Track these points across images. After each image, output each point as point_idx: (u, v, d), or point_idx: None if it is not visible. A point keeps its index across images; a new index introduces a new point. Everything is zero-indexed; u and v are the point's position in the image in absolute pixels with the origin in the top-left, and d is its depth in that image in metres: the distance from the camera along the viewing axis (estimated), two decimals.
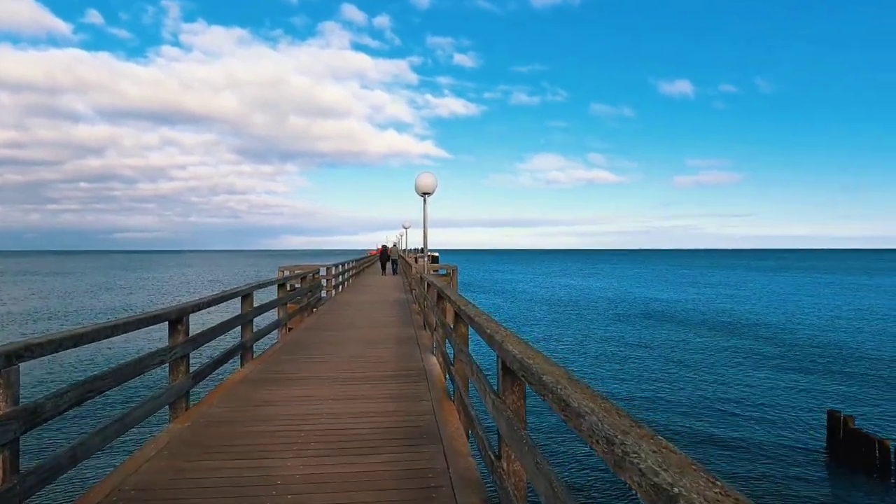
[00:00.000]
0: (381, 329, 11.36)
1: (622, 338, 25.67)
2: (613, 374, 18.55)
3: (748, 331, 28.23)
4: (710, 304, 41.35)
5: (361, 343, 9.65)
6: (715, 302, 42.81)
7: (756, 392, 16.72)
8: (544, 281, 70.78)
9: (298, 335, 10.52)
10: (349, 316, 13.49)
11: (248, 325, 8.25)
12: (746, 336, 26.53)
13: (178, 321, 5.56)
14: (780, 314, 34.82)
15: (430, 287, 10.89)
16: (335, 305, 16.03)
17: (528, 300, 44.89)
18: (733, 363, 20.45)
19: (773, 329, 28.76)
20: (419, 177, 12.00)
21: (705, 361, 20.69)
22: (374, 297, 18.60)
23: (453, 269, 17.84)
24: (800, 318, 32.80)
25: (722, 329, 28.59)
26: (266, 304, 9.21)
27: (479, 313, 4.73)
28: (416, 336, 10.42)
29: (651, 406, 15.14)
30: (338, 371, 7.40)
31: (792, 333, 27.28)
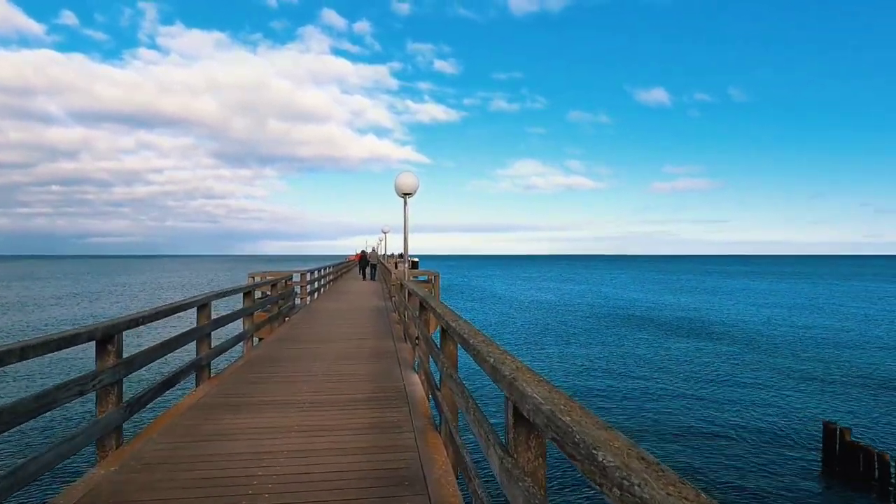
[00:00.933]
0: (358, 341, 10.43)
1: (604, 342, 25.06)
2: (597, 379, 17.84)
3: (731, 336, 27.86)
4: (691, 309, 41.09)
5: (335, 358, 8.71)
6: (696, 307, 42.58)
7: (745, 402, 16.14)
8: (523, 286, 70.24)
9: (266, 349, 9.54)
10: (323, 326, 12.52)
11: (205, 339, 7.28)
12: (730, 342, 26.12)
13: (106, 340, 4.60)
14: (766, 320, 34.61)
15: (412, 296, 10.01)
16: (309, 314, 15.02)
17: (506, 305, 44.17)
18: (720, 369, 19.92)
19: (756, 335, 28.43)
20: (399, 177, 11.12)
21: (691, 368, 20.14)
22: (351, 305, 17.62)
23: (435, 275, 16.93)
24: (784, 326, 32.59)
25: (704, 334, 28.17)
26: (227, 316, 8.23)
27: (474, 332, 3.87)
28: (396, 349, 9.52)
29: (635, 415, 14.43)
30: (306, 393, 6.47)
31: (775, 340, 26.97)
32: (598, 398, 16.15)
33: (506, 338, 25.98)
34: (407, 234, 11.57)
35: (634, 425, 13.81)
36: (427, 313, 7.45)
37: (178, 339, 6.21)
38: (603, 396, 16.43)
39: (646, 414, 14.85)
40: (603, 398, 16.25)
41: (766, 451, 12.46)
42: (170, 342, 5.93)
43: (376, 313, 15.11)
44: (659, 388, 17.43)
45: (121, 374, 4.72)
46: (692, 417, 14.67)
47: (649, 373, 19.50)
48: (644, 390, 17.12)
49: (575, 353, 22.73)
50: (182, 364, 6.48)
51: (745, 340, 26.83)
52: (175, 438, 4.89)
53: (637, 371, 19.75)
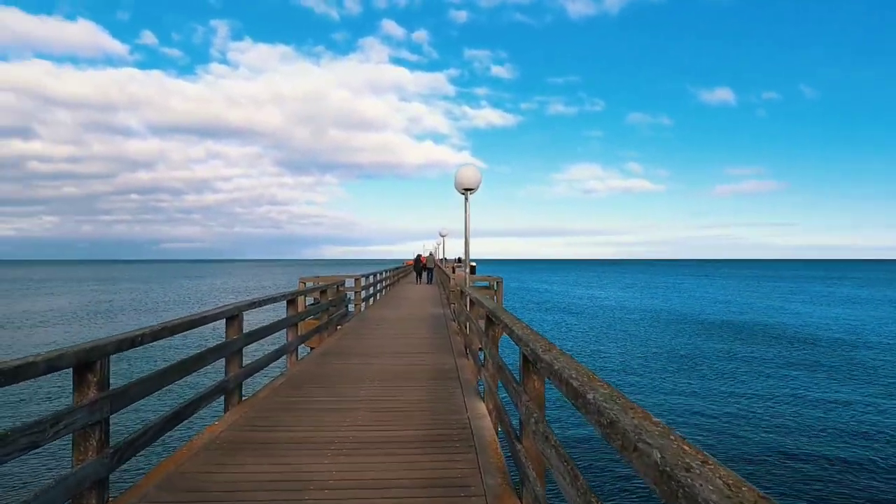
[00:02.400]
0: (413, 356, 9.21)
1: (679, 352, 22.92)
2: (679, 389, 15.95)
3: (807, 344, 25.07)
4: (760, 314, 37.84)
5: (387, 378, 7.52)
6: (766, 313, 39.24)
7: (837, 412, 13.94)
8: (582, 291, 67.56)
9: (310, 364, 8.46)
10: (376, 337, 11.40)
11: (235, 357, 6.22)
12: (807, 349, 23.41)
13: (85, 368, 3.54)
14: (848, 328, 31.21)
15: (474, 305, 8.71)
16: (362, 323, 13.98)
17: (566, 311, 42.07)
18: (799, 377, 17.56)
19: (840, 344, 25.46)
20: (460, 171, 9.87)
21: (767, 374, 17.88)
22: (407, 313, 16.50)
23: (497, 280, 15.52)
24: (864, 332, 29.20)
25: (777, 340, 25.48)
26: (263, 329, 7.17)
27: (583, 371, 2.54)
28: (457, 367, 8.24)
29: (724, 429, 12.54)
30: (348, 427, 5.27)
31: (862, 349, 23.99)
32: (702, 429, 14.31)
33: (568, 344, 24.27)
34: (468, 235, 10.29)
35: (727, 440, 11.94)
36: (495, 328, 6.13)
37: (196, 360, 5.14)
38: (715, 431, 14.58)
39: (733, 427, 12.94)
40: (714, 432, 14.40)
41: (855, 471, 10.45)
42: (184, 364, 4.85)
43: (434, 322, 13.90)
44: (733, 393, 15.38)
45: (105, 412, 3.64)
46: (769, 425, 12.65)
47: (724, 381, 17.40)
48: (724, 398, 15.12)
49: (648, 365, 20.78)
50: (200, 390, 5.39)
51: (829, 350, 24.02)
52: (175, 496, 3.77)
53: (743, 393, 17.68)
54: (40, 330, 30.20)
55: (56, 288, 73.94)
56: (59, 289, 72.00)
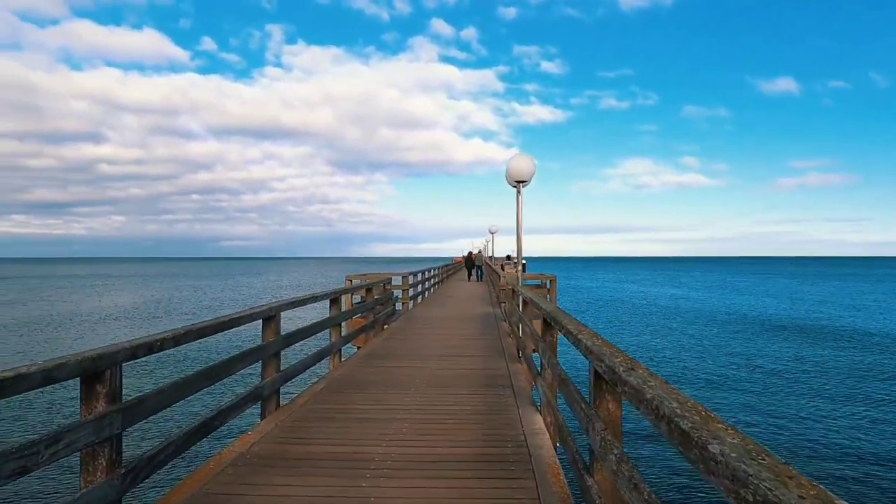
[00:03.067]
0: (462, 360, 8.65)
1: (745, 355, 21.49)
2: (744, 401, 14.76)
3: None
4: (835, 319, 35.33)
5: (434, 384, 6.98)
6: (842, 318, 36.63)
7: None
8: (633, 289, 65.40)
9: (353, 367, 8.01)
10: (424, 337, 10.89)
11: (272, 361, 5.81)
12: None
13: (94, 378, 3.14)
14: None
15: (528, 306, 8.07)
16: (410, 322, 13.52)
17: (619, 308, 40.55)
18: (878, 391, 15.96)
19: None
20: (512, 162, 9.22)
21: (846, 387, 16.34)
22: (456, 312, 15.95)
23: (550, 279, 14.75)
24: None
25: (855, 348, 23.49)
26: (302, 330, 6.74)
27: (689, 403, 1.91)
28: (510, 373, 7.62)
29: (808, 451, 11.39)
30: (390, 442, 4.75)
31: None
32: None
33: (625, 341, 23.06)
34: (520, 230, 9.63)
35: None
36: (553, 333, 5.50)
37: (226, 365, 4.72)
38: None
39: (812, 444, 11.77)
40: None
41: None
42: (212, 371, 4.44)
43: (484, 323, 13.30)
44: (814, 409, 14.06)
45: (116, 427, 3.23)
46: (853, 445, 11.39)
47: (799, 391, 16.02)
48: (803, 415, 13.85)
49: (708, 369, 19.51)
50: (232, 398, 4.98)
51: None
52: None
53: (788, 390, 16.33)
54: (104, 326, 31.26)
55: (130, 283, 77.25)
56: (132, 284, 75.18)
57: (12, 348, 23.16)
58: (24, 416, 13.26)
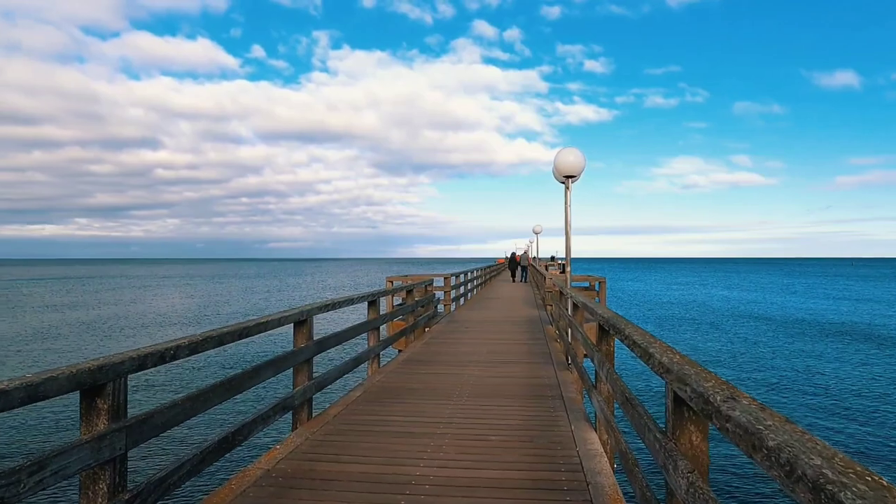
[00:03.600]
0: (507, 366, 8.12)
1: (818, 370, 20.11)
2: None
3: None
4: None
5: (476, 394, 6.48)
6: None
7: None
8: (687, 291, 63.06)
9: (390, 374, 7.58)
10: (466, 342, 10.39)
11: (304, 368, 5.43)
12: None
13: (94, 391, 2.79)
14: None
15: (578, 309, 7.48)
16: (452, 325, 13.05)
17: (666, 311, 39.00)
18: None
19: None
20: (560, 156, 8.63)
21: None
22: (499, 314, 15.40)
23: (600, 280, 13.97)
24: None
25: None
26: (337, 335, 6.34)
27: (801, 435, 1.36)
28: (559, 382, 7.05)
29: None
30: (426, 463, 4.28)
31: None
32: None
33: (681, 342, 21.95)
34: (569, 229, 9.02)
35: None
36: (610, 341, 4.93)
37: (251, 374, 4.35)
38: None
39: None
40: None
41: None
42: (233, 381, 4.06)
43: (529, 326, 12.72)
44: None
45: (119, 447, 2.86)
46: None
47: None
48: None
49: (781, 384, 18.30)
50: (259, 409, 4.60)
51: None
52: None
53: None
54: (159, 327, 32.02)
55: (190, 283, 79.67)
56: (190, 285, 77.55)
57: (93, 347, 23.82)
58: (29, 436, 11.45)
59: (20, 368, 18.75)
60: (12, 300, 49.38)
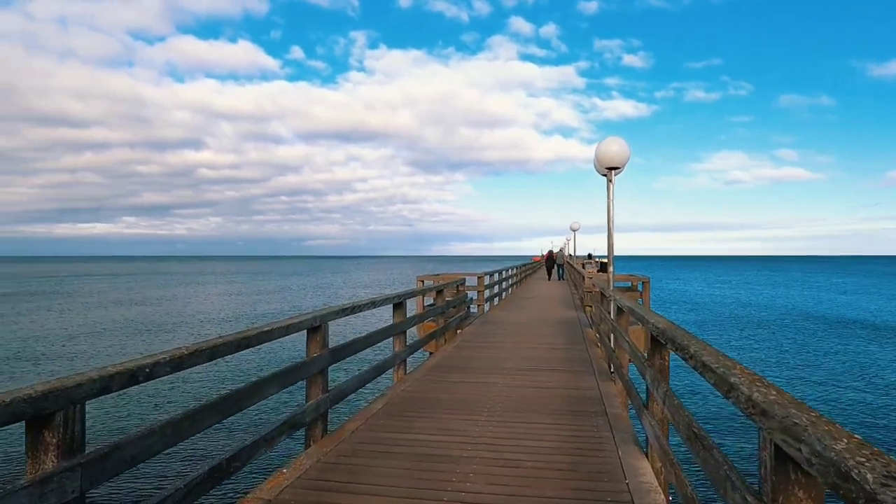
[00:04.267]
0: (543, 374, 7.48)
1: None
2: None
3: None
4: None
5: (509, 407, 5.86)
6: None
7: None
8: (725, 292, 60.76)
9: (416, 383, 7.01)
10: (499, 346, 9.76)
11: (317, 379, 4.91)
12: None
13: (40, 421, 2.30)
14: None
15: (624, 314, 6.79)
16: (485, 327, 12.44)
17: (713, 313, 37.38)
18: None
19: None
20: (602, 146, 7.93)
21: None
22: (535, 315, 14.71)
23: (643, 280, 13.10)
24: None
25: None
26: (355, 342, 5.80)
27: None
28: (601, 394, 6.37)
29: None
30: (453, 495, 3.70)
31: None
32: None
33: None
34: (611, 225, 8.31)
35: None
36: (664, 354, 4.25)
37: (251, 390, 3.84)
38: None
39: None
40: None
41: None
42: (228, 401, 3.55)
43: (567, 329, 12.00)
44: None
45: (73, 490, 2.37)
46: None
47: None
48: None
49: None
50: (260, 430, 4.09)
51: None
52: None
53: None
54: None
55: (238, 278, 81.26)
56: (242, 280, 79.03)
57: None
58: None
59: (42, 370, 18.77)
60: (65, 294, 50.91)
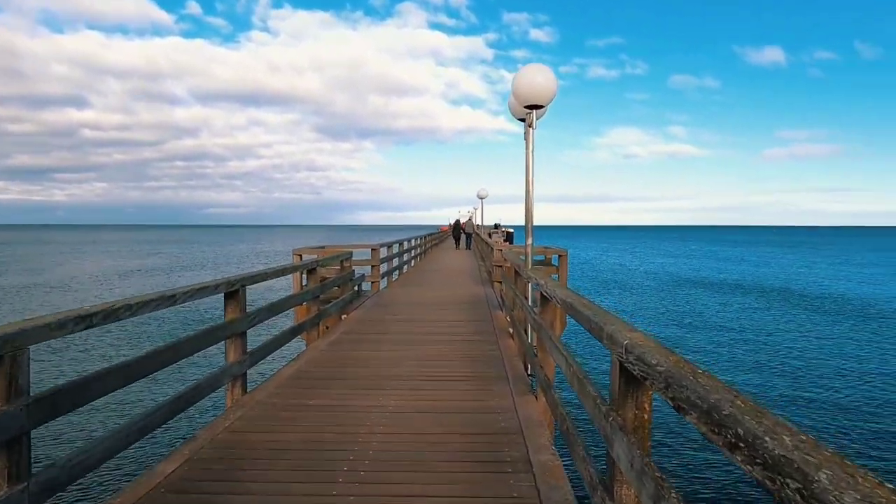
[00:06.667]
0: (442, 389, 5.43)
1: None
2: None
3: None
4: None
5: (381, 462, 3.80)
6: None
7: None
8: (624, 258, 62.78)
9: (257, 408, 4.77)
10: (387, 342, 7.54)
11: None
12: None
13: None
14: None
15: (549, 303, 4.90)
16: (375, 312, 10.28)
17: (611, 282, 37.57)
18: None
19: None
20: (522, 77, 5.88)
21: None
22: (438, 294, 12.75)
23: (560, 253, 11.38)
24: None
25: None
26: (139, 358, 3.46)
27: None
28: (521, 425, 4.44)
29: None
30: None
31: None
32: None
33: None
34: (531, 186, 6.36)
35: None
36: (641, 399, 2.34)
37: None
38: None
39: None
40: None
41: None
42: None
43: (474, 312, 10.11)
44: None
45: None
46: None
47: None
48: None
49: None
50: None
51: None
52: None
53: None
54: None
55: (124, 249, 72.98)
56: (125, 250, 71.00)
57: None
58: None
59: None
60: None
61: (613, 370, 2.56)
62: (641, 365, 2.14)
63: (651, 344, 2.26)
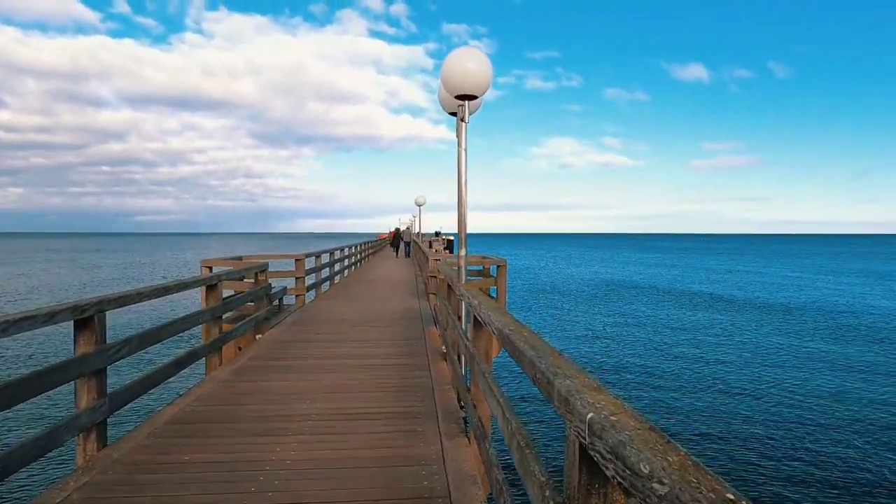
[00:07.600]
0: (357, 434, 4.53)
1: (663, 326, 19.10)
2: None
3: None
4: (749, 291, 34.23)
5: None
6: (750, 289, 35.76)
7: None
8: (556, 265, 63.61)
9: (116, 470, 3.71)
10: (303, 368, 6.58)
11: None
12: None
13: None
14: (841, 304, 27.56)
15: (484, 328, 4.08)
16: (294, 331, 9.21)
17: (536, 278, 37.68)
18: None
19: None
20: (452, 61, 5.09)
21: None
22: (369, 308, 11.77)
23: (499, 263, 10.58)
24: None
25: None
26: None
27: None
28: (449, 482, 3.61)
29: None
30: None
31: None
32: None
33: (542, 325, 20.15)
34: (464, 189, 5.57)
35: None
36: (614, 497, 1.53)
37: None
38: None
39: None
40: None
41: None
42: None
43: (405, 330, 9.20)
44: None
45: None
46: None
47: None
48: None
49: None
50: None
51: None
52: None
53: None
54: None
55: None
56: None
57: None
58: None
59: None
60: None
61: (570, 451, 1.73)
62: (618, 465, 1.32)
63: (631, 423, 1.44)
